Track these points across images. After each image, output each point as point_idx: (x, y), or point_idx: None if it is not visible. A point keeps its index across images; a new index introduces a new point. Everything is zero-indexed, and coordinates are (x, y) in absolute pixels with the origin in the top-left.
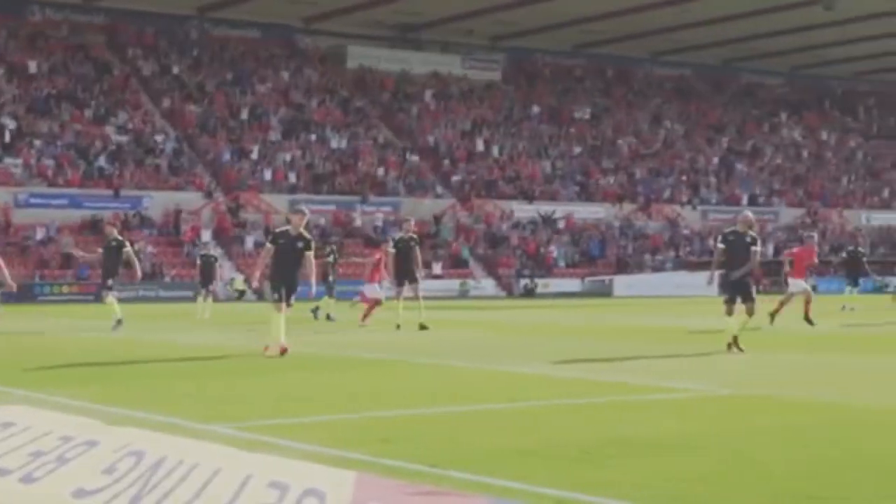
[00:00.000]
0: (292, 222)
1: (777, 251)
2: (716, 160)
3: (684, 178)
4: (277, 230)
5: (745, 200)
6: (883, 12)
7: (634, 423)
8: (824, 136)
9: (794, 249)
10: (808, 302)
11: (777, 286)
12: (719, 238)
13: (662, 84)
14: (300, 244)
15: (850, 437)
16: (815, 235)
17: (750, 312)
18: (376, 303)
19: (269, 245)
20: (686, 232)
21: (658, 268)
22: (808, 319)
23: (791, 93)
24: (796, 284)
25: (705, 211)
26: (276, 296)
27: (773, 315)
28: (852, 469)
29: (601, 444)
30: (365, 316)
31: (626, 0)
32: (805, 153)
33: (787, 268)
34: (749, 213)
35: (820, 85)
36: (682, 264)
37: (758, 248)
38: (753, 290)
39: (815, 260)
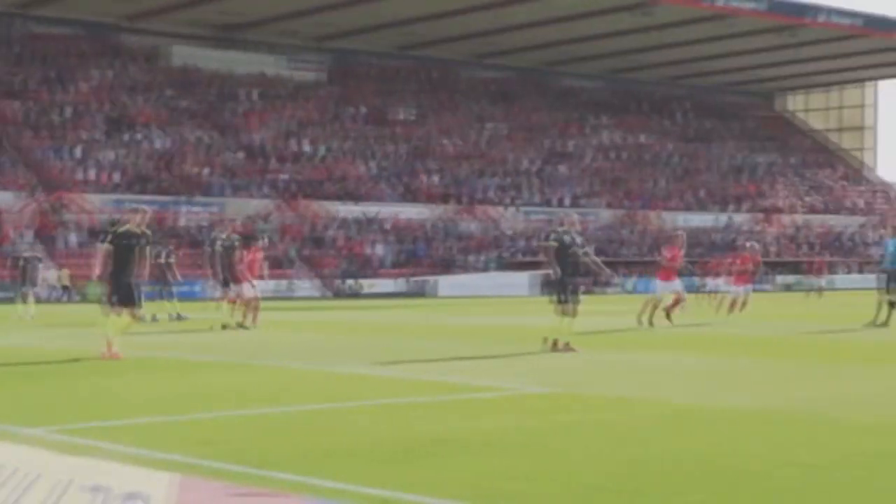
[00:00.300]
0: (133, 221)
1: (598, 252)
2: (537, 161)
3: (506, 179)
4: (118, 230)
5: (565, 201)
6: (698, 18)
7: (454, 422)
8: (642, 138)
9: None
10: (678, 301)
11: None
12: (550, 237)
13: (485, 86)
14: (142, 242)
15: (657, 435)
16: (756, 245)
17: (574, 314)
18: (255, 302)
19: (107, 245)
20: (508, 232)
21: (481, 268)
22: (668, 317)
23: (610, 96)
24: (665, 287)
25: (527, 212)
26: (113, 298)
27: (667, 314)
28: (658, 465)
29: (422, 443)
30: (254, 318)
31: (449, 3)
32: (624, 155)
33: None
34: (574, 215)
35: (638, 88)
36: (503, 264)
37: (587, 248)
38: (580, 290)
39: (751, 266)
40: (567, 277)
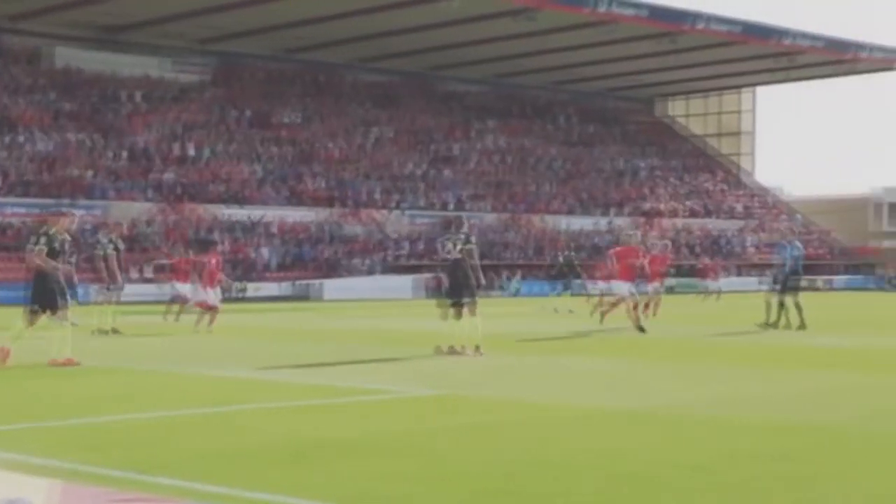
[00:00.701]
0: (60, 224)
1: (483, 255)
2: (422, 165)
3: (391, 182)
4: (49, 232)
5: (450, 205)
6: (580, 24)
7: (339, 425)
8: (526, 142)
9: (650, 255)
10: (635, 306)
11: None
12: (443, 240)
13: (370, 90)
14: (68, 246)
15: (546, 437)
16: (669, 243)
17: (472, 312)
18: (214, 308)
19: (41, 247)
20: (394, 236)
21: (366, 271)
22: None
23: (494, 100)
24: (621, 287)
25: (412, 215)
26: (36, 303)
27: (602, 314)
28: (546, 467)
29: (307, 447)
30: (210, 321)
31: (334, 6)
32: (508, 159)
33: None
34: (465, 218)
35: (521, 93)
36: (389, 268)
37: (471, 247)
38: (475, 290)
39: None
40: (462, 279)
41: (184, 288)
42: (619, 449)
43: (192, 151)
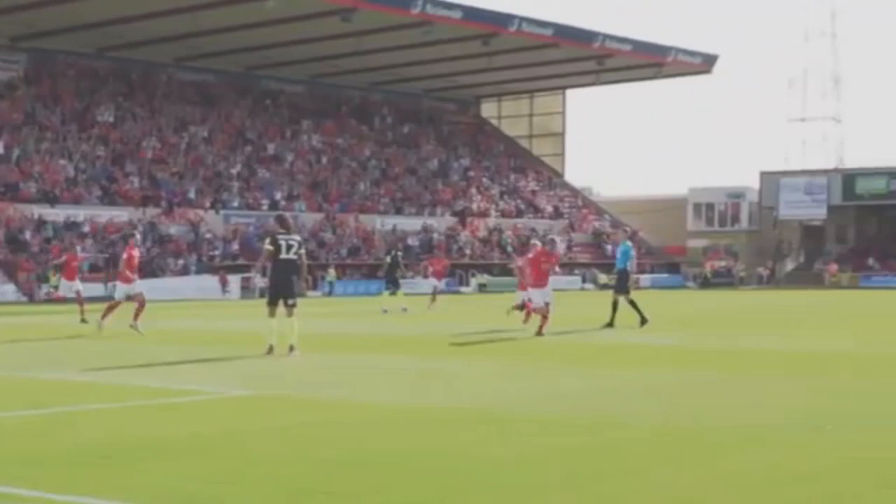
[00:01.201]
0: None
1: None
2: (238, 165)
3: (208, 182)
4: None
5: (265, 205)
6: (397, 25)
7: (154, 426)
8: (342, 142)
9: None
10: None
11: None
12: (267, 240)
13: (186, 89)
14: None
15: (360, 436)
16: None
17: (290, 313)
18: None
19: None
20: (209, 236)
21: (182, 271)
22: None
23: (311, 100)
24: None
25: (228, 215)
26: None
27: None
28: (358, 465)
29: (120, 449)
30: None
31: (149, 4)
32: (324, 159)
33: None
34: (288, 217)
35: (337, 94)
36: (205, 268)
37: (303, 251)
38: (296, 291)
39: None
40: (284, 279)
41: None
42: (436, 447)
43: (2, 150)
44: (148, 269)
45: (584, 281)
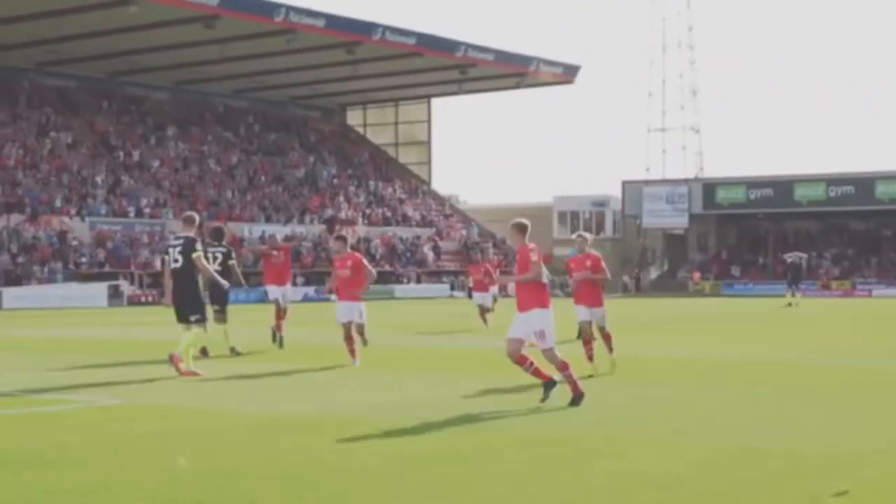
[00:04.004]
0: None
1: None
2: (103, 171)
3: (71, 189)
4: None
5: (131, 212)
6: (261, 33)
7: (19, 436)
8: (207, 150)
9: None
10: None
11: None
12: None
13: (48, 95)
14: None
15: (219, 442)
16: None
17: (221, 321)
18: None
19: None
20: (75, 243)
21: (48, 279)
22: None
23: (176, 107)
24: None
25: (94, 222)
26: None
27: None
28: (221, 473)
29: None
30: None
31: (9, 9)
32: (191, 166)
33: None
34: (195, 215)
35: (203, 100)
36: (72, 276)
37: (234, 258)
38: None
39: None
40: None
41: None
42: (291, 455)
43: None
44: (12, 277)
45: (452, 288)
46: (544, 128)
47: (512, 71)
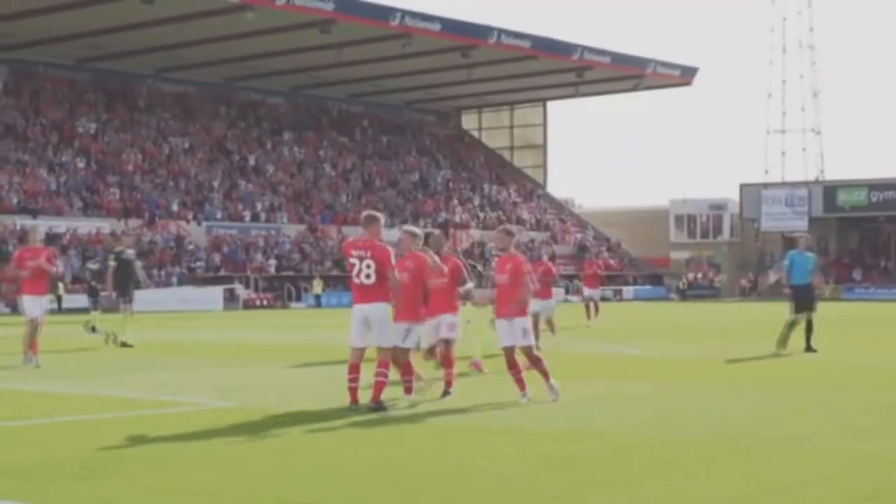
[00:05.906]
0: None
1: (284, 266)
2: (220, 176)
3: (187, 194)
4: None
5: (246, 217)
6: (377, 37)
7: (136, 437)
8: (322, 154)
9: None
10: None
11: None
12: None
13: (166, 100)
14: None
15: (336, 445)
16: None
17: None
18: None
19: None
20: (192, 247)
21: (164, 283)
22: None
23: (292, 112)
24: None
25: (210, 226)
26: None
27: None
28: (337, 475)
29: (103, 461)
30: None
31: (128, 16)
32: (306, 171)
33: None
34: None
35: (318, 105)
36: (188, 279)
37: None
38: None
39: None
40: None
41: None
42: (406, 457)
43: None
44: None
45: (567, 293)
46: (661, 130)
47: (628, 73)
